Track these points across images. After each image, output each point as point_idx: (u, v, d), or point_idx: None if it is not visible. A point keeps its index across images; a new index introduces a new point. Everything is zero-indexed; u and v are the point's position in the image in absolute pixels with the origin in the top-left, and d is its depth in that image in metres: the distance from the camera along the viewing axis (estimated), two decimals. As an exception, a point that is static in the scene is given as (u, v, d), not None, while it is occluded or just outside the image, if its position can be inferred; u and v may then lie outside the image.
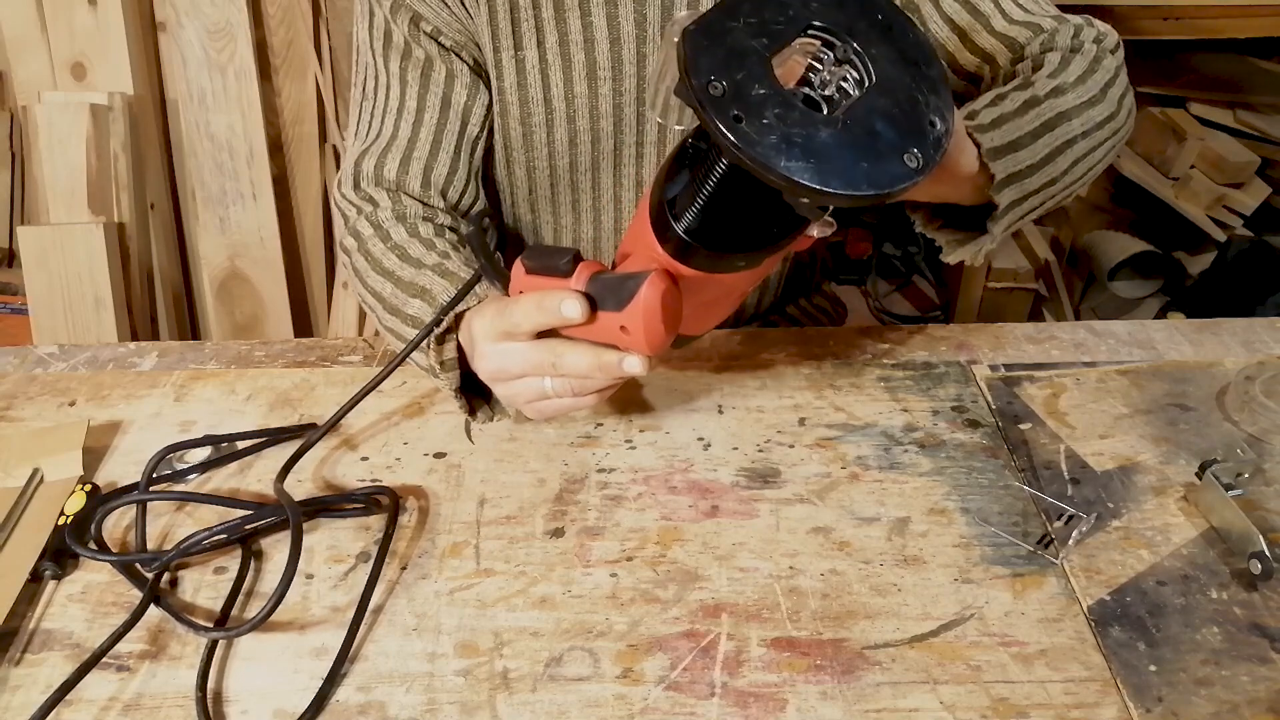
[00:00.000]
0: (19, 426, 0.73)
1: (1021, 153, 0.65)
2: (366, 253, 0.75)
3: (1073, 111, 0.68)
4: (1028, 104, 0.67)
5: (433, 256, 0.72)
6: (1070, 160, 0.69)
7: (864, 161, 0.45)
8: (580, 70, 0.77)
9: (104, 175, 1.61)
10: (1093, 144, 0.70)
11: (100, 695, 0.53)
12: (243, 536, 0.62)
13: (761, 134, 0.44)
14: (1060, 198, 0.71)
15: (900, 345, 0.80)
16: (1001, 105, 0.66)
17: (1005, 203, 0.65)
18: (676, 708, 0.52)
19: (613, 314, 0.55)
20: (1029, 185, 0.66)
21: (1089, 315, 2.05)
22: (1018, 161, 0.65)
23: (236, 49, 1.64)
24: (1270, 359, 0.77)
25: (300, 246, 1.80)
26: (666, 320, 0.54)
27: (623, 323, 0.54)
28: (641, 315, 0.53)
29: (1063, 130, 0.68)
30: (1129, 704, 0.53)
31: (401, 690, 0.54)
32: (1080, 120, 0.69)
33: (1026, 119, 0.66)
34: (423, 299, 0.69)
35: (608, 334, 0.56)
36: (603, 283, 0.55)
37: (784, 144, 0.44)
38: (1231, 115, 1.87)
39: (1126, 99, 0.74)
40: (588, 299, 0.56)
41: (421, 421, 0.73)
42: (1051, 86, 0.69)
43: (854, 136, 0.45)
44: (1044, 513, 0.64)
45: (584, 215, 0.86)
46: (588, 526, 0.63)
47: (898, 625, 0.57)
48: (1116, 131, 0.72)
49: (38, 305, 1.61)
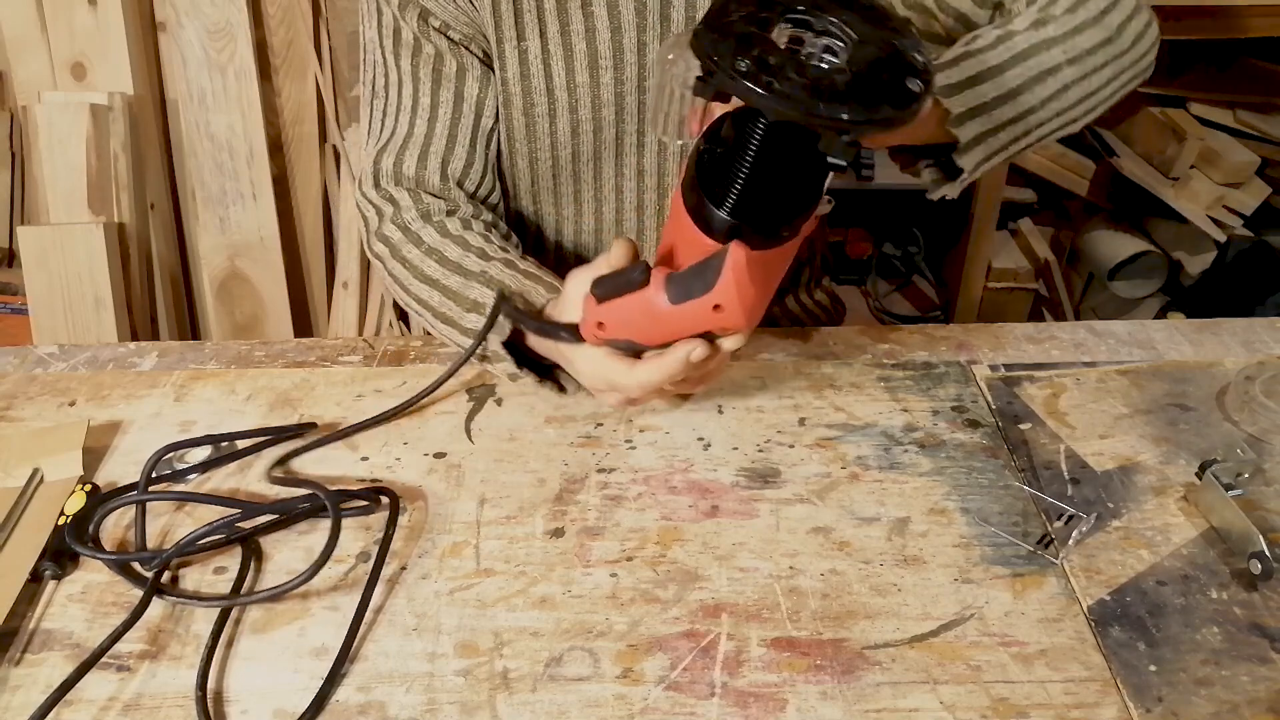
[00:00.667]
0: (19, 426, 0.73)
1: (984, 85, 0.67)
2: (404, 260, 0.76)
3: (1055, 40, 0.69)
4: (1001, 38, 0.69)
5: (472, 258, 0.74)
6: (1053, 89, 0.69)
7: (877, 94, 0.51)
8: (582, 60, 0.78)
9: (104, 175, 1.61)
10: (1083, 70, 0.70)
11: (100, 695, 0.53)
12: (243, 536, 0.62)
13: (794, 89, 0.50)
14: (1054, 126, 0.72)
15: (900, 345, 0.80)
16: (973, 43, 0.68)
17: (968, 137, 0.67)
18: (676, 708, 0.52)
19: (702, 298, 0.57)
20: (998, 117, 0.68)
21: (1089, 315, 2.05)
22: (980, 95, 0.67)
23: (236, 49, 1.64)
24: (1270, 359, 0.77)
25: (300, 246, 1.80)
26: (756, 284, 0.57)
27: (716, 301, 0.57)
28: (734, 285, 0.56)
29: (1041, 60, 0.69)
30: (1129, 704, 0.53)
31: (401, 690, 0.54)
32: (1063, 48, 0.70)
33: (997, 51, 0.68)
34: (478, 312, 0.72)
35: (701, 319, 0.59)
36: (680, 278, 0.59)
37: (814, 92, 0.50)
38: (1231, 115, 1.87)
39: (1132, 24, 0.73)
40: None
41: (421, 421, 0.73)
42: (1034, 19, 0.70)
43: (861, 78, 0.52)
44: (1044, 513, 0.64)
45: (585, 206, 0.87)
46: (588, 526, 0.63)
47: (898, 625, 0.57)
48: (1119, 58, 0.72)
49: (38, 305, 1.61)
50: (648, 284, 0.59)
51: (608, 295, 0.61)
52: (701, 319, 0.58)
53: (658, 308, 0.59)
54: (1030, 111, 0.69)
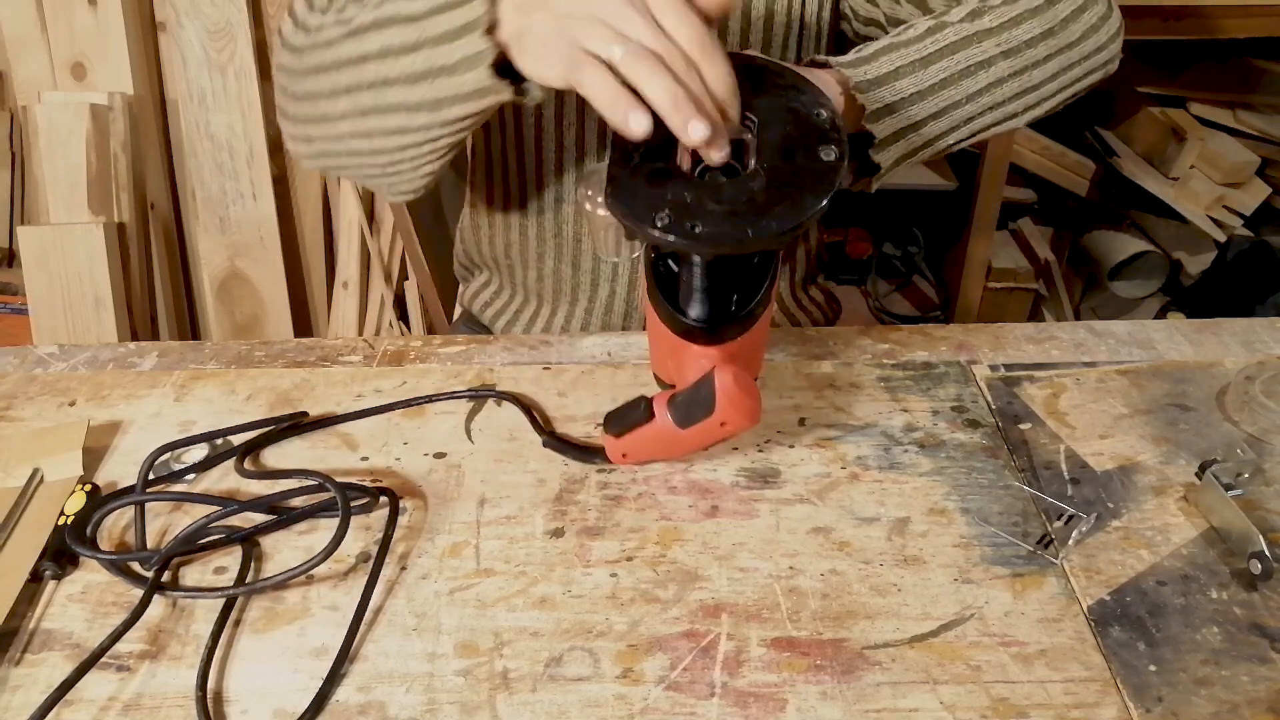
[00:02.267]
0: (19, 426, 0.73)
1: (904, 80, 0.66)
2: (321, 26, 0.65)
3: (990, 32, 0.68)
4: (932, 29, 0.67)
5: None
6: (984, 82, 0.68)
7: (800, 183, 0.52)
8: None
9: (104, 175, 1.61)
10: (1021, 63, 0.69)
11: (100, 695, 0.54)
12: (243, 535, 0.62)
13: (718, 226, 0.51)
14: (989, 121, 0.70)
15: (900, 345, 0.80)
16: (903, 34, 0.67)
17: (886, 133, 0.66)
18: (676, 708, 0.52)
19: (707, 420, 0.60)
20: (918, 113, 0.67)
21: (1089, 315, 2.05)
22: (898, 90, 0.66)
23: (236, 49, 1.64)
24: (1270, 359, 0.77)
25: (300, 246, 1.80)
26: (749, 395, 0.59)
27: (720, 420, 0.59)
28: (730, 406, 0.58)
29: (971, 53, 0.67)
30: (1129, 704, 0.53)
31: (401, 690, 0.54)
32: (996, 40, 0.68)
33: (924, 44, 0.66)
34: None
35: (712, 434, 0.61)
36: (680, 401, 0.61)
37: (738, 219, 0.51)
38: (1231, 115, 1.87)
39: (1085, 16, 0.71)
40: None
41: (421, 421, 0.73)
42: (969, 10, 0.68)
43: (778, 176, 0.53)
44: (1044, 513, 0.64)
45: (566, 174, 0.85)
46: (588, 526, 0.63)
47: (898, 625, 0.57)
48: (1064, 49, 0.70)
49: (38, 305, 1.61)
50: (654, 417, 0.62)
51: (622, 432, 0.64)
52: (714, 434, 0.61)
53: (670, 433, 0.62)
54: (955, 105, 0.68)
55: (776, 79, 0.57)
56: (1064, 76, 0.72)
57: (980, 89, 0.68)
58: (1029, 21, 0.69)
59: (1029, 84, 0.70)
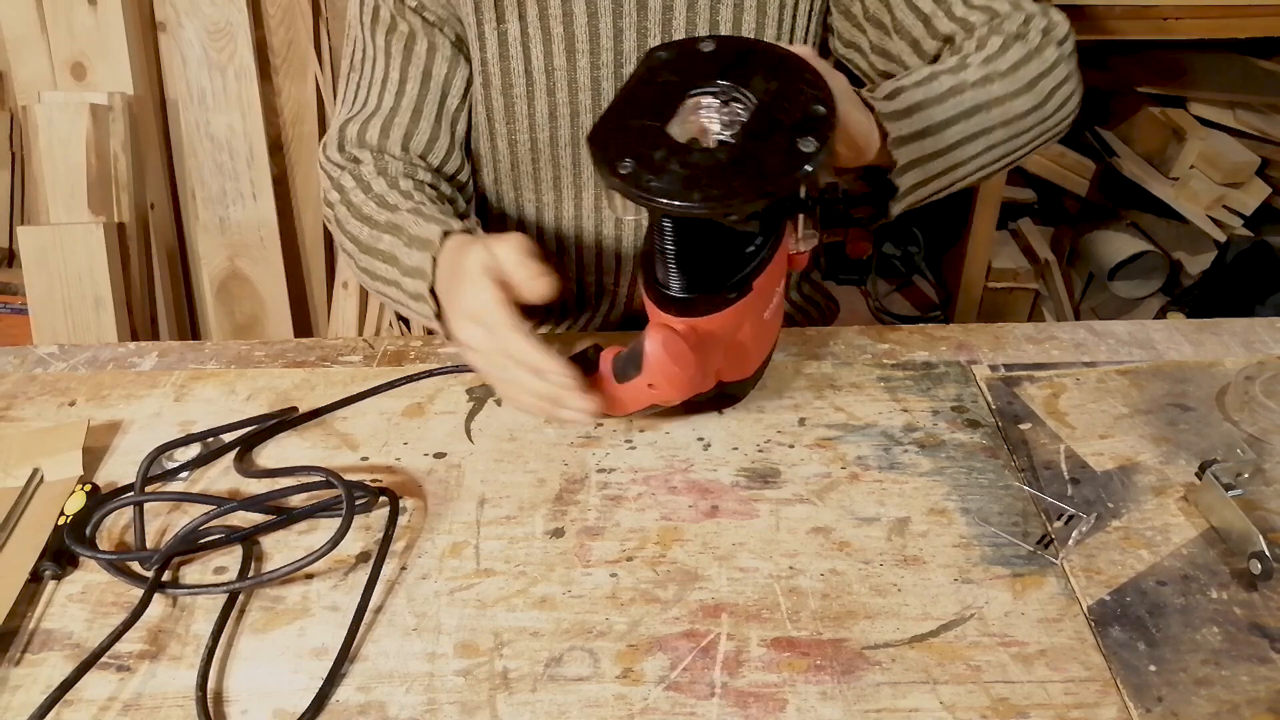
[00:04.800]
0: (19, 426, 0.73)
1: (928, 140, 0.69)
2: (348, 203, 0.78)
3: (995, 102, 0.71)
4: (953, 90, 0.70)
5: (409, 203, 0.74)
6: (979, 149, 0.72)
7: (763, 166, 0.53)
8: (559, 44, 0.80)
9: (104, 175, 1.60)
10: (1012, 133, 0.73)
11: (100, 695, 0.54)
12: (243, 535, 0.62)
13: (673, 184, 0.53)
14: (965, 182, 0.75)
15: (900, 345, 0.80)
16: (927, 87, 0.70)
17: (907, 185, 0.70)
18: (676, 708, 0.52)
19: (638, 378, 0.62)
20: (931, 169, 0.70)
21: (1089, 315, 2.05)
22: (922, 149, 0.69)
23: (236, 49, 1.63)
24: (1270, 359, 0.77)
25: (300, 246, 1.80)
26: (679, 364, 0.60)
27: (647, 381, 0.61)
28: (658, 368, 0.60)
29: (978, 120, 0.71)
30: (1129, 704, 0.53)
31: (401, 690, 0.54)
32: (1000, 111, 0.72)
33: (945, 106, 0.70)
34: (394, 235, 0.72)
35: (643, 395, 0.63)
36: (621, 359, 0.63)
37: (691, 182, 0.53)
38: (1231, 115, 1.87)
39: (1060, 92, 0.75)
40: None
41: (421, 421, 0.73)
42: (982, 75, 0.71)
43: (752, 150, 0.54)
44: (1044, 513, 0.64)
45: (565, 192, 0.87)
46: (588, 526, 0.63)
47: (898, 625, 0.57)
48: (1043, 122, 0.75)
49: (38, 305, 1.61)
50: (599, 366, 0.64)
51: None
52: (643, 395, 0.63)
53: (610, 386, 0.64)
54: (955, 167, 0.72)
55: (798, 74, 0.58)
56: (1035, 144, 0.77)
57: (974, 154, 0.72)
58: (1024, 97, 0.73)
59: (1008, 152, 0.75)
